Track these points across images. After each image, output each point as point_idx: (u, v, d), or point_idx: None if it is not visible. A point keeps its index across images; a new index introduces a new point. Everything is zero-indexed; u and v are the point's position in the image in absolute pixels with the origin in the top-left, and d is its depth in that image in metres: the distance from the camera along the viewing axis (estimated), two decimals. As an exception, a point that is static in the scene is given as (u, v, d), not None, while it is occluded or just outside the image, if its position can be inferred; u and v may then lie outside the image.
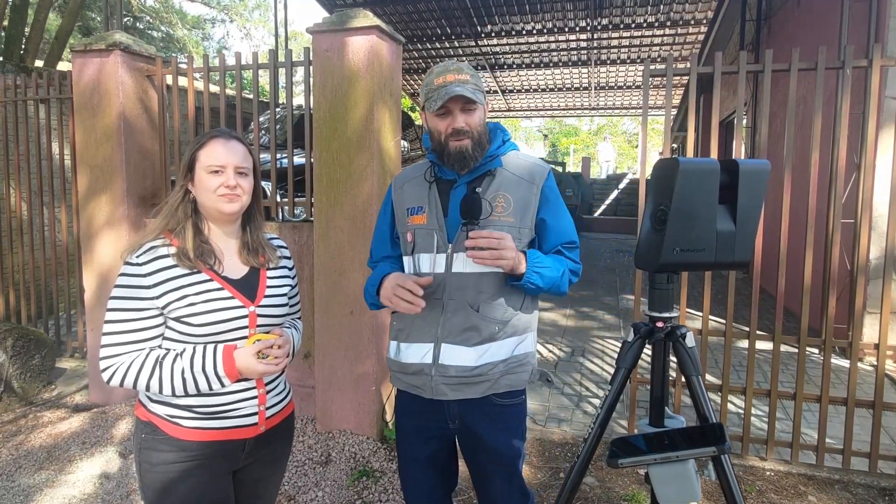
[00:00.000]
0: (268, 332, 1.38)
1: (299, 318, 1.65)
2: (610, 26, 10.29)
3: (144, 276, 1.29)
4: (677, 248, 0.89)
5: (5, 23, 7.09)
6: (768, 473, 2.80)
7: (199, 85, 5.99)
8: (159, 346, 1.34)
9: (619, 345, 4.86)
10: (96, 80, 3.50)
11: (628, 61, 12.40)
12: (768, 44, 6.67)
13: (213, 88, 6.29)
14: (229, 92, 3.50)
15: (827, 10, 5.10)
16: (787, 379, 3.99)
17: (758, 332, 2.87)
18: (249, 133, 5.48)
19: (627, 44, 11.32)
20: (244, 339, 1.35)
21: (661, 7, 9.28)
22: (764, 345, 4.41)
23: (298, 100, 10.86)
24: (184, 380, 1.28)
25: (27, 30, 7.46)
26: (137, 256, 1.31)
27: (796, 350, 2.87)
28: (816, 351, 4.38)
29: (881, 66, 2.65)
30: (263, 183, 3.69)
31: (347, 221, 3.01)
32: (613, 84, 14.84)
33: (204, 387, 1.30)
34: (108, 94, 3.49)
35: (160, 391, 1.29)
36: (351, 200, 3.00)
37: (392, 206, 1.61)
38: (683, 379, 0.91)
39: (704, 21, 9.64)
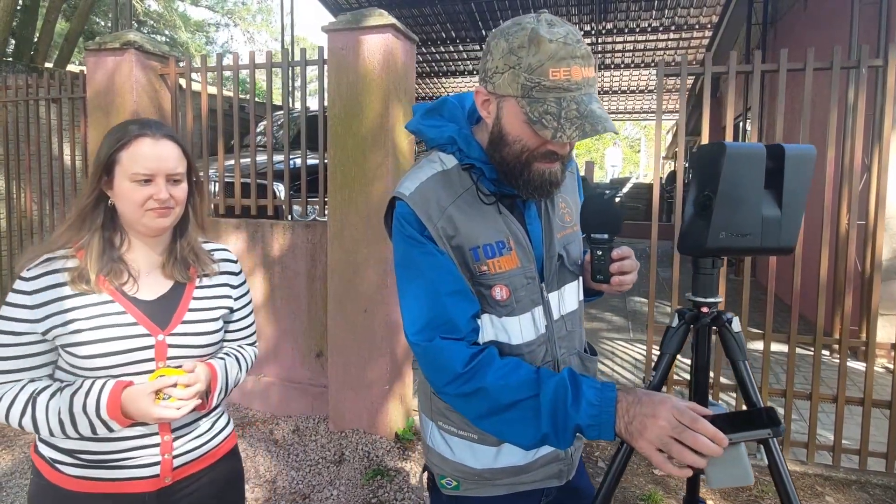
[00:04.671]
0: (180, 367, 1.12)
1: (252, 344, 1.38)
2: (615, 31, 10.33)
3: (29, 293, 1.06)
4: (723, 232, 0.89)
5: (15, 23, 7.13)
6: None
7: (211, 89, 6.01)
8: (49, 378, 1.12)
9: (628, 346, 4.86)
10: (110, 79, 3.52)
11: (633, 66, 12.44)
12: (774, 47, 6.68)
13: (225, 93, 6.30)
14: (241, 95, 3.51)
15: (835, 12, 5.11)
16: (799, 381, 3.97)
17: (772, 333, 2.86)
18: (262, 134, 5.50)
19: (632, 48, 11.36)
20: (151, 374, 1.09)
21: (666, 11, 9.32)
22: (777, 347, 4.40)
23: (309, 101, 10.90)
24: (61, 421, 1.04)
25: (37, 32, 7.50)
26: (28, 271, 1.08)
27: (806, 352, 2.86)
28: (827, 353, 4.36)
29: (896, 65, 2.66)
30: (274, 184, 3.70)
31: (362, 220, 3.01)
32: (618, 88, 14.89)
33: (86, 430, 1.05)
34: (122, 94, 3.50)
35: (37, 431, 1.06)
36: (365, 199, 3.00)
37: (438, 243, 0.98)
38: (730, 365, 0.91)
39: (709, 25, 9.67)
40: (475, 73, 13.60)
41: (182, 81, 3.65)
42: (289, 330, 3.43)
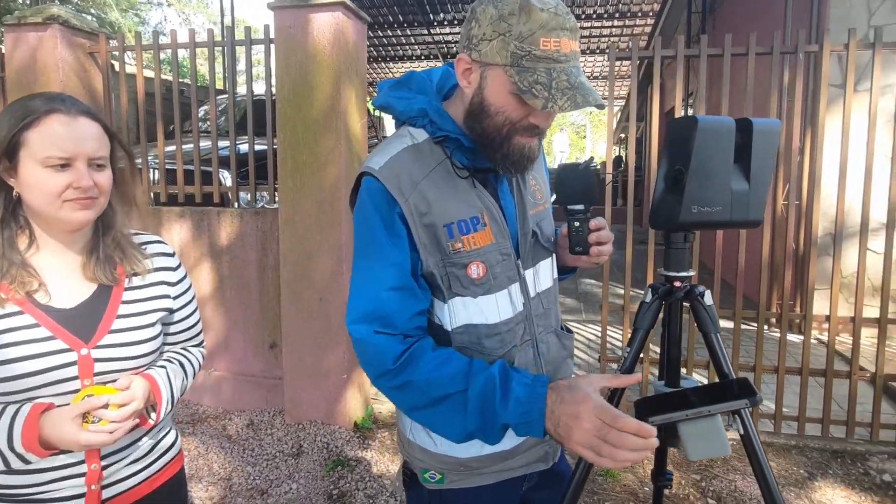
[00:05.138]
0: (110, 383, 0.97)
1: (198, 345, 1.23)
2: (561, 16, 10.41)
3: None
4: (695, 206, 0.89)
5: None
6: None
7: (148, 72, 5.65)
8: None
9: (581, 327, 4.97)
10: (32, 56, 3.24)
11: (580, 52, 12.61)
12: (713, 35, 6.91)
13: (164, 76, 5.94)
14: (176, 77, 3.33)
15: (770, 2, 5.33)
16: (742, 355, 4.17)
17: (719, 309, 2.98)
18: (206, 120, 5.24)
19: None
20: (76, 395, 0.94)
21: (611, -1, 9.48)
22: (723, 323, 4.60)
23: (256, 86, 10.48)
24: None
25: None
26: None
27: (748, 328, 3.00)
28: (766, 328, 4.60)
29: (830, 51, 2.79)
30: (221, 171, 3.53)
31: (315, 206, 2.92)
32: (564, 75, 15.05)
33: None
34: (47, 72, 3.24)
35: None
36: (318, 184, 2.91)
37: (406, 224, 0.94)
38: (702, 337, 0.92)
39: (651, 13, 9.92)
40: (424, 58, 13.46)
41: (116, 63, 3.41)
42: (240, 321, 3.30)
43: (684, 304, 0.96)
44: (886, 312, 2.82)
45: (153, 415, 1.04)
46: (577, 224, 0.99)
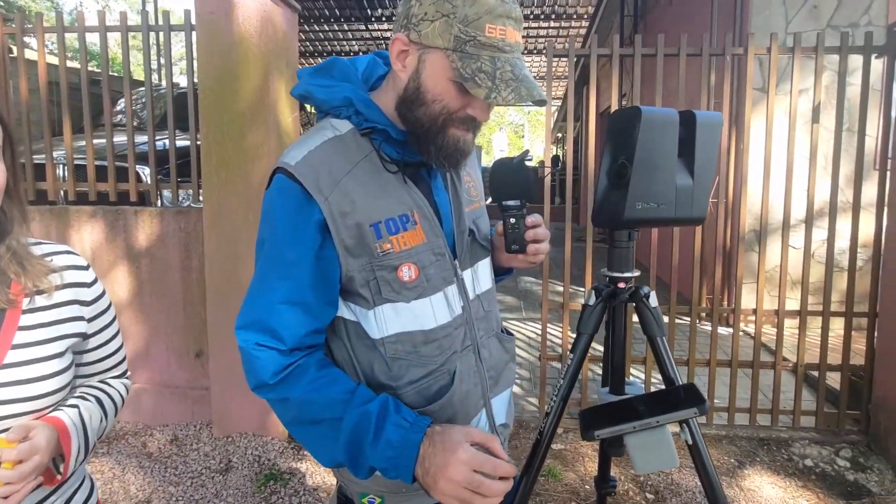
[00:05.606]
0: (3, 433, 0.79)
1: (121, 375, 1.04)
2: (499, 16, 10.48)
3: None
4: (640, 203, 0.85)
5: None
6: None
7: (52, 58, 5.20)
8: None
9: (521, 325, 4.99)
10: (-88, 37, 2.88)
11: (516, 52, 12.76)
12: (644, 37, 7.14)
13: (72, 64, 5.46)
14: (84, 64, 3.06)
15: (697, 7, 5.55)
16: (673, 349, 4.30)
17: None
18: (121, 113, 4.89)
19: (515, 35, 11.63)
20: None
21: (547, 0, 9.63)
22: (652, 318, 4.73)
23: (179, 78, 9.92)
24: None
25: None
26: None
27: (680, 321, 3.08)
28: (697, 322, 4.77)
29: (754, 53, 2.89)
30: (139, 167, 3.27)
31: (242, 204, 2.74)
32: (502, 75, 15.21)
33: None
34: (-69, 56, 2.88)
35: None
36: (245, 181, 2.73)
37: (325, 225, 0.85)
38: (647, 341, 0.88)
39: (586, 16, 10.15)
40: (362, 54, 13.20)
41: (15, 47, 3.08)
42: (162, 329, 3.06)
43: (629, 304, 0.91)
44: (806, 305, 2.96)
45: (62, 467, 0.85)
46: (512, 221, 0.94)
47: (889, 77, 2.84)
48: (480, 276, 1.00)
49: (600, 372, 1.07)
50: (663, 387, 0.88)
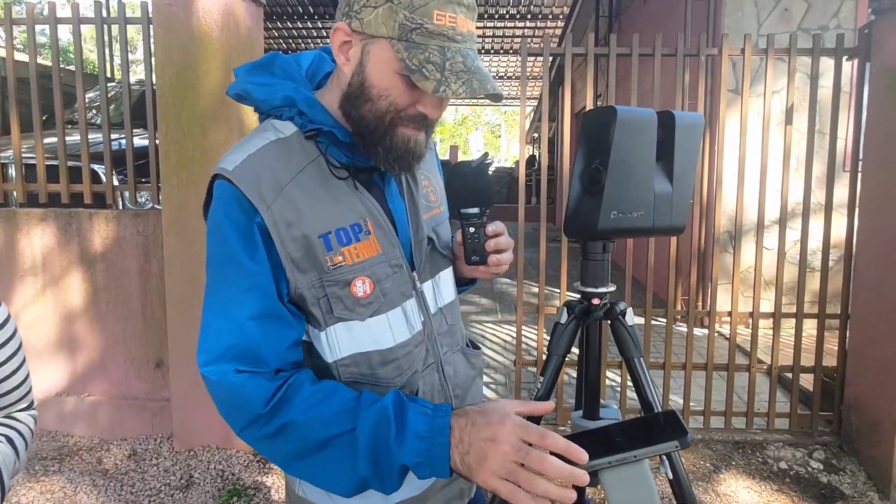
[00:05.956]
0: None
1: (27, 408, 0.97)
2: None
3: None
4: (615, 211, 0.77)
5: None
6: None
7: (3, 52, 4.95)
8: None
9: (497, 328, 4.93)
10: None
11: (493, 52, 12.73)
12: (619, 38, 7.17)
13: (21, 57, 5.22)
14: (33, 57, 2.89)
15: (670, 8, 5.56)
16: (649, 352, 4.29)
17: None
18: (74, 112, 4.69)
19: (492, 34, 11.60)
20: None
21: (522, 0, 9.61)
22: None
23: (139, 74, 9.60)
24: None
25: None
26: None
27: (657, 323, 3.04)
28: (664, 321, 4.77)
29: (728, 54, 2.87)
30: (95, 166, 3.11)
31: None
32: (478, 74, 15.16)
33: None
34: None
35: None
36: (206, 181, 2.59)
37: (268, 237, 0.77)
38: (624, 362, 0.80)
39: (561, 16, 10.16)
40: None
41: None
42: (119, 338, 2.91)
43: (604, 321, 0.84)
44: (780, 306, 2.95)
45: None
46: (472, 230, 0.86)
47: (860, 79, 2.84)
48: (442, 287, 0.93)
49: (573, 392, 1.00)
50: (641, 411, 0.81)
